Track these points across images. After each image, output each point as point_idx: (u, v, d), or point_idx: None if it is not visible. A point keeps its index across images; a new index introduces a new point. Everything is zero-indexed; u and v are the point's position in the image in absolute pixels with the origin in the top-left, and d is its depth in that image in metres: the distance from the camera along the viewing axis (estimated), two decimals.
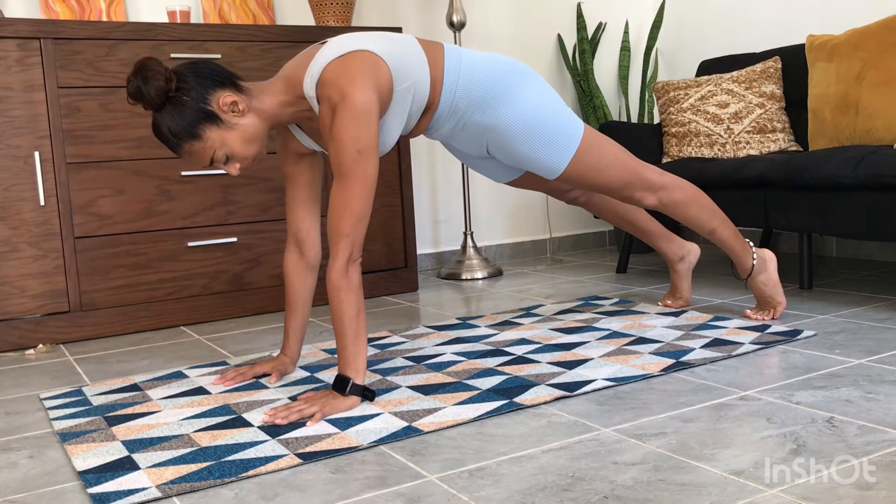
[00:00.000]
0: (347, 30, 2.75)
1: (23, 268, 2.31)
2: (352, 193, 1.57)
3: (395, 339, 2.14)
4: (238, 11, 2.92)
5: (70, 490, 1.29)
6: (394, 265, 2.90)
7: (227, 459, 1.35)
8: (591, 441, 1.36)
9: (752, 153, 2.80)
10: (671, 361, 1.78)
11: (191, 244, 2.52)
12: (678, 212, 2.04)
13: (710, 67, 3.22)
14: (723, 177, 2.57)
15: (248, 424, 1.52)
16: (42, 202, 2.31)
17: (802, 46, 2.84)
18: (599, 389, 1.63)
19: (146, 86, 1.54)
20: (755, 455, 1.25)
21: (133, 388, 1.82)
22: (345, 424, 1.48)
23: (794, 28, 3.23)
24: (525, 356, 1.89)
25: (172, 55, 2.46)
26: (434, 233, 3.49)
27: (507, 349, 1.97)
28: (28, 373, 2.06)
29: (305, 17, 3.10)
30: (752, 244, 2.11)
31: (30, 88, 2.29)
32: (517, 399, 1.58)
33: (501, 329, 2.20)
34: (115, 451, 1.42)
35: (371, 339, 2.15)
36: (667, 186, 2.00)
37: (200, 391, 1.76)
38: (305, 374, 1.85)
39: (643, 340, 1.98)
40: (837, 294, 2.45)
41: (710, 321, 2.15)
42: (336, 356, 1.99)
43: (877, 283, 2.59)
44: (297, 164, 1.81)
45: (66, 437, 1.51)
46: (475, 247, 3.28)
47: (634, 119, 3.83)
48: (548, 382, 1.67)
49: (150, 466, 1.34)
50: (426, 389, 1.68)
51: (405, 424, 1.47)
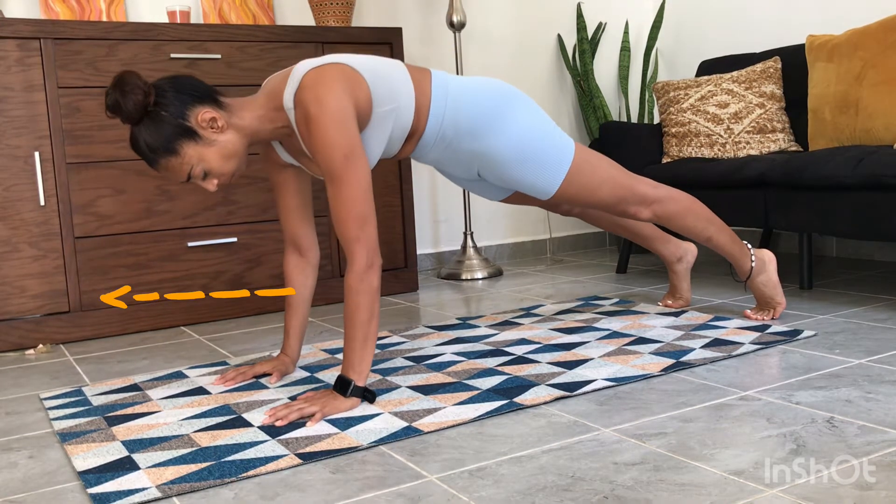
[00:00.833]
0: (347, 30, 2.75)
1: (23, 268, 2.31)
2: (349, 197, 1.56)
3: (395, 339, 2.14)
4: (238, 11, 2.92)
5: (70, 490, 1.29)
6: (394, 265, 2.90)
7: (227, 459, 1.35)
8: (591, 441, 1.36)
9: (752, 153, 2.80)
10: (671, 361, 1.78)
11: (191, 244, 2.52)
12: (674, 223, 2.03)
13: (710, 67, 3.22)
14: (723, 177, 2.57)
15: (248, 424, 1.52)
16: (42, 202, 2.31)
17: (802, 46, 2.84)
18: (599, 389, 1.63)
19: (124, 99, 1.52)
20: (755, 455, 1.25)
21: (133, 388, 1.82)
22: (345, 424, 1.48)
23: (794, 28, 3.23)
24: (525, 356, 1.89)
25: (172, 55, 2.46)
26: (434, 233, 3.49)
27: (507, 349, 1.97)
28: (28, 373, 2.06)
29: (305, 17, 3.10)
30: (750, 246, 2.11)
31: (30, 88, 2.29)
32: (517, 399, 1.58)
33: (501, 329, 2.20)
34: (115, 452, 1.42)
35: None
36: (661, 199, 1.99)
37: (200, 391, 1.76)
38: (305, 374, 1.85)
39: (643, 340, 1.98)
40: (837, 294, 2.45)
41: (710, 321, 2.15)
42: (336, 356, 2.00)
43: (877, 283, 2.59)
44: (283, 173, 1.81)
45: (66, 437, 1.51)
46: (475, 247, 3.28)
47: (634, 119, 3.83)
48: (548, 382, 1.67)
49: (150, 466, 1.34)
50: (426, 389, 1.68)
51: (405, 424, 1.47)
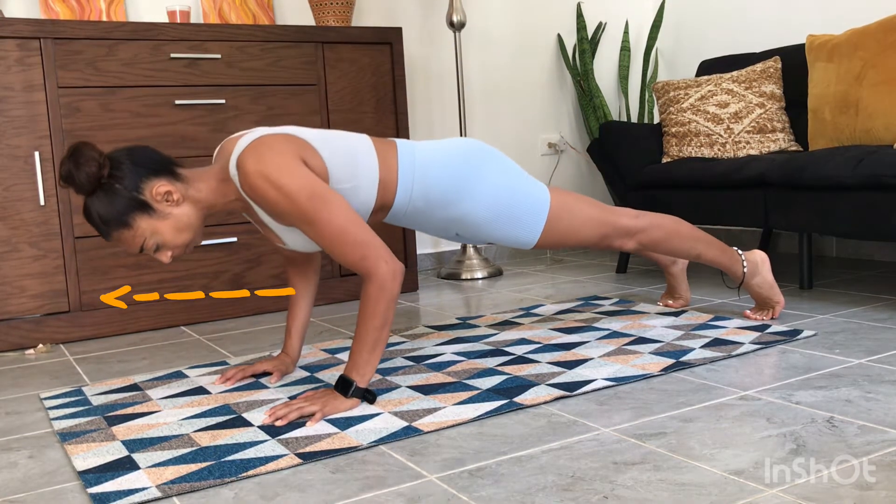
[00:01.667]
0: (347, 30, 2.74)
1: (23, 268, 2.31)
2: (333, 233, 1.52)
3: (395, 339, 2.14)
4: (238, 11, 2.92)
5: (70, 490, 1.29)
6: None
7: (227, 459, 1.35)
8: (591, 441, 1.36)
9: (752, 153, 2.80)
10: (671, 361, 1.78)
11: None
12: (660, 248, 2.00)
13: (710, 67, 3.22)
14: (723, 177, 2.57)
15: (248, 424, 1.52)
16: (42, 202, 2.31)
17: (802, 46, 2.83)
18: (599, 389, 1.63)
19: (77, 171, 1.49)
20: (755, 455, 1.25)
21: (133, 388, 1.82)
22: (345, 424, 1.48)
23: (794, 28, 3.23)
24: (525, 356, 1.89)
25: (172, 55, 2.46)
26: None
27: (507, 349, 1.97)
28: (28, 373, 2.06)
29: (305, 17, 3.10)
30: (740, 251, 2.10)
31: (30, 88, 2.29)
32: (517, 399, 1.58)
33: (501, 329, 2.20)
34: (115, 451, 1.42)
35: None
36: (644, 228, 1.95)
37: (200, 391, 1.76)
38: (306, 374, 1.85)
39: (643, 340, 1.98)
40: (837, 294, 2.45)
41: (710, 321, 2.15)
42: (336, 356, 2.00)
43: (877, 283, 2.59)
44: (265, 228, 1.74)
45: (66, 437, 1.51)
46: (475, 247, 3.28)
47: (634, 119, 3.83)
48: (548, 382, 1.67)
49: (150, 466, 1.34)
50: (426, 389, 1.68)
51: (405, 424, 1.47)
